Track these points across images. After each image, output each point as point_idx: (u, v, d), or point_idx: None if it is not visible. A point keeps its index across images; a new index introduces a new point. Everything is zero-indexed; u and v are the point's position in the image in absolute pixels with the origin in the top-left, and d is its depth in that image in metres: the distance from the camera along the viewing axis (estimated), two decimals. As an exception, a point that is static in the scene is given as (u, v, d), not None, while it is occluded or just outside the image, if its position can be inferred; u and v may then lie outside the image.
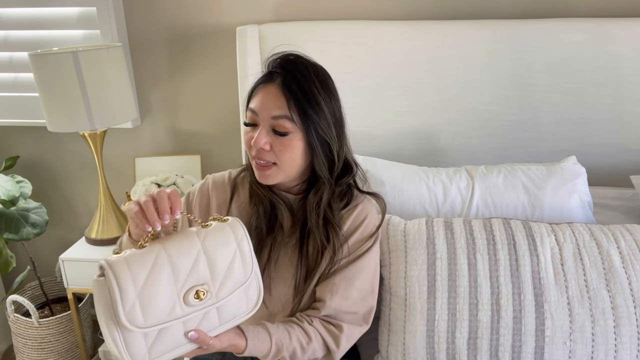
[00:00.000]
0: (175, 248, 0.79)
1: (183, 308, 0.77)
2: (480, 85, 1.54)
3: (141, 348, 0.76)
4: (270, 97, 0.96)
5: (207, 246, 0.81)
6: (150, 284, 0.75)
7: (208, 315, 0.81)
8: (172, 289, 0.77)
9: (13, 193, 1.72)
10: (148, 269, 0.76)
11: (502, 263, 1.10)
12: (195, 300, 0.78)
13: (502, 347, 1.05)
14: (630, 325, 1.04)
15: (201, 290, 0.79)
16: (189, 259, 0.79)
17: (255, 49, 1.58)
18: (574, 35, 1.47)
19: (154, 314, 0.75)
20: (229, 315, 0.83)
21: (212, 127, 1.90)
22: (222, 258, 0.81)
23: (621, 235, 1.14)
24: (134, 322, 0.74)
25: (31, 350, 1.87)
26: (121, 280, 0.74)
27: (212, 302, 0.80)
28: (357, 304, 1.01)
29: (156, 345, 0.77)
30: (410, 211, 1.33)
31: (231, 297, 0.82)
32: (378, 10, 1.65)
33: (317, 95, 0.96)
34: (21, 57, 1.88)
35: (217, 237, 0.83)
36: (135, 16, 1.80)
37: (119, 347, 0.75)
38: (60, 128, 1.58)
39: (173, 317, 0.77)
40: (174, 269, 0.77)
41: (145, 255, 0.77)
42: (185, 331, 0.79)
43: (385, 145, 1.61)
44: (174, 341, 0.78)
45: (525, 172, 1.34)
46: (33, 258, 1.91)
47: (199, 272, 0.79)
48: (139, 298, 0.74)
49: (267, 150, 0.96)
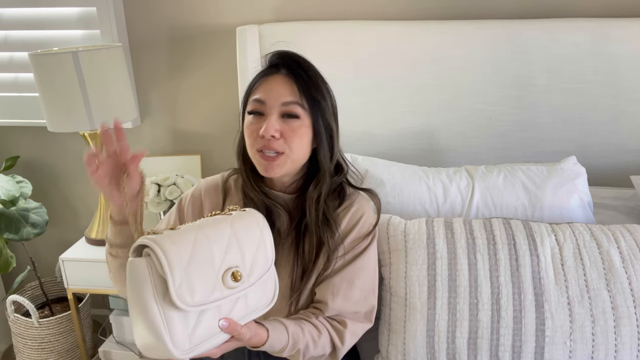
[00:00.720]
0: (209, 228, 0.77)
1: (222, 290, 0.75)
2: (480, 85, 1.54)
3: (183, 333, 0.71)
4: (278, 85, 0.97)
5: (237, 230, 0.80)
6: (194, 262, 0.73)
7: (238, 302, 0.78)
8: (211, 269, 0.75)
9: (13, 193, 1.72)
10: (190, 247, 0.73)
11: (502, 263, 1.10)
12: (233, 282, 0.76)
13: (502, 347, 1.05)
14: (631, 325, 1.04)
15: (238, 272, 0.77)
16: (223, 240, 0.77)
17: (255, 49, 1.58)
18: (574, 35, 1.47)
19: (198, 293, 0.72)
20: (253, 306, 0.81)
21: (212, 127, 1.90)
22: (250, 243, 0.81)
23: (621, 235, 1.14)
24: (183, 300, 0.70)
25: (31, 350, 1.87)
26: (170, 256, 0.70)
27: (246, 285, 0.78)
28: (359, 303, 1.01)
29: (196, 330, 0.73)
30: (410, 211, 1.33)
31: (256, 286, 0.80)
32: (378, 10, 1.65)
33: (320, 84, 1.00)
34: (21, 57, 1.88)
35: (244, 222, 0.82)
36: (135, 16, 1.81)
37: (161, 330, 0.69)
38: (60, 128, 1.58)
39: (214, 299, 0.74)
40: (211, 249, 0.75)
41: (185, 234, 0.75)
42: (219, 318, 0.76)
43: (385, 145, 1.61)
44: (211, 328, 0.75)
45: (525, 172, 1.34)
46: (33, 258, 1.91)
47: (231, 256, 0.78)
48: (186, 275, 0.71)
49: (276, 139, 0.96)
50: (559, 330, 1.04)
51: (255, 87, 1.00)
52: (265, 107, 0.97)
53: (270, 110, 0.96)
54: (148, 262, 0.71)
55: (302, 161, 1.01)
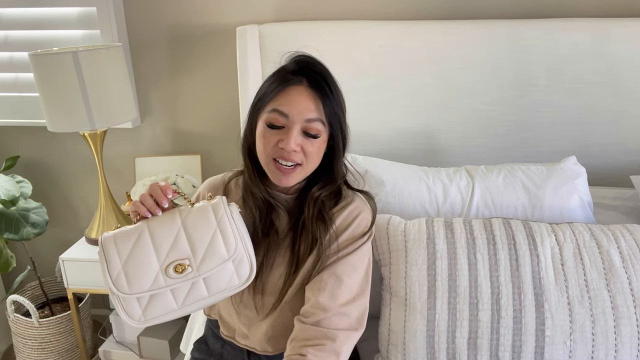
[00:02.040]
0: (157, 226, 0.90)
1: (166, 279, 0.88)
2: (481, 86, 1.54)
3: (136, 310, 0.89)
4: (302, 100, 0.95)
5: (187, 224, 0.90)
6: (133, 257, 0.88)
7: (196, 286, 0.90)
8: (154, 262, 0.88)
9: (13, 193, 1.72)
10: (132, 244, 0.89)
11: (502, 263, 1.10)
12: (176, 274, 0.88)
13: (502, 347, 1.05)
14: (630, 325, 1.04)
15: (181, 265, 0.88)
16: (170, 235, 0.89)
17: (255, 49, 1.58)
18: (574, 35, 1.47)
19: (137, 282, 0.87)
20: (219, 288, 0.91)
21: (212, 127, 1.90)
22: (202, 235, 0.90)
23: (621, 235, 1.14)
24: (120, 289, 0.88)
25: (31, 350, 1.87)
26: (108, 254, 0.89)
27: (194, 275, 0.88)
28: (348, 305, 0.97)
29: (149, 308, 0.89)
30: (410, 211, 1.33)
31: (218, 271, 0.90)
32: (378, 10, 1.65)
33: (341, 96, 1.01)
34: (21, 57, 1.88)
35: (197, 216, 0.92)
36: (135, 16, 1.81)
37: (118, 308, 0.89)
38: (60, 128, 1.58)
39: (157, 287, 0.88)
40: (156, 244, 0.89)
41: (131, 232, 0.90)
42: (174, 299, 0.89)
43: (385, 145, 1.61)
44: (166, 306, 0.89)
45: (525, 172, 1.34)
46: (33, 258, 1.91)
47: (180, 248, 0.89)
48: (124, 269, 0.88)
49: (297, 152, 0.96)
50: (559, 330, 1.04)
51: (275, 96, 0.97)
52: (288, 120, 0.95)
53: (292, 125, 0.95)
54: (99, 256, 0.90)
55: (313, 169, 1.02)
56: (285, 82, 0.97)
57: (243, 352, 1.09)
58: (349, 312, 0.96)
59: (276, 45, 1.57)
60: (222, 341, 1.12)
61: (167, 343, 1.83)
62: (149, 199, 0.92)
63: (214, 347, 1.14)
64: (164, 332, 1.87)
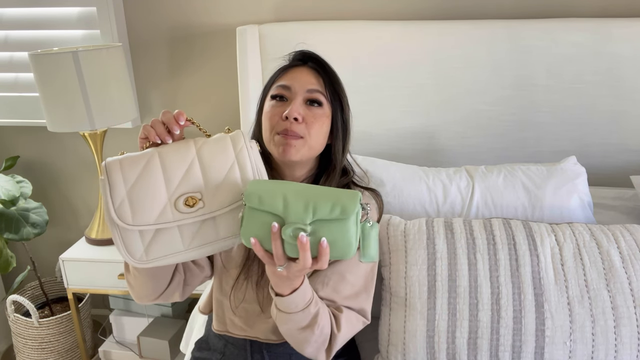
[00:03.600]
0: (169, 153, 0.80)
1: (174, 213, 0.78)
2: (480, 85, 1.54)
3: (138, 247, 0.79)
4: (304, 74, 1.02)
5: (203, 154, 0.81)
6: (140, 184, 0.78)
7: (205, 225, 0.80)
8: (163, 193, 0.78)
9: (13, 193, 1.72)
10: (139, 170, 0.79)
11: (502, 263, 1.10)
12: (186, 207, 0.78)
13: (502, 347, 1.05)
14: (630, 325, 1.04)
15: (192, 198, 0.79)
16: (183, 165, 0.80)
17: (255, 49, 1.58)
18: (574, 35, 1.47)
19: (142, 213, 0.78)
20: (230, 231, 0.81)
21: (212, 127, 1.90)
22: (218, 167, 0.80)
23: (621, 235, 1.14)
24: (123, 219, 0.77)
25: (31, 350, 1.87)
26: (112, 179, 0.78)
27: (205, 212, 0.79)
28: (350, 299, 0.99)
29: (152, 245, 0.79)
30: (410, 211, 1.33)
31: (231, 212, 0.80)
32: (378, 10, 1.65)
33: (341, 81, 1.05)
34: (21, 57, 1.88)
35: (214, 146, 0.82)
36: (135, 16, 1.81)
37: (117, 243, 0.79)
38: (60, 128, 1.58)
39: (164, 220, 0.78)
40: (167, 173, 0.79)
41: (139, 157, 0.80)
42: (180, 238, 0.79)
43: (385, 145, 1.61)
44: (171, 246, 0.80)
45: (525, 172, 1.34)
46: (33, 258, 1.91)
47: (193, 180, 0.79)
48: (128, 196, 0.78)
49: (299, 123, 0.97)
50: (559, 330, 1.04)
51: (278, 77, 1.03)
52: (290, 92, 1.00)
53: (294, 95, 0.99)
54: (102, 183, 0.79)
55: (318, 150, 1.03)
56: (289, 66, 1.04)
57: (246, 351, 1.08)
58: (350, 305, 0.99)
59: (276, 45, 1.57)
60: (225, 340, 1.12)
61: (167, 343, 1.83)
62: (159, 125, 0.83)
63: (215, 347, 1.14)
64: (164, 332, 1.87)
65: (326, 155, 1.06)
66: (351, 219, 0.76)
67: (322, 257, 0.75)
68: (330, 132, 1.03)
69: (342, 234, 0.76)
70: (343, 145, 1.05)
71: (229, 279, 1.05)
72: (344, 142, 1.05)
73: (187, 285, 1.01)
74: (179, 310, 2.00)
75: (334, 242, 0.76)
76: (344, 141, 1.05)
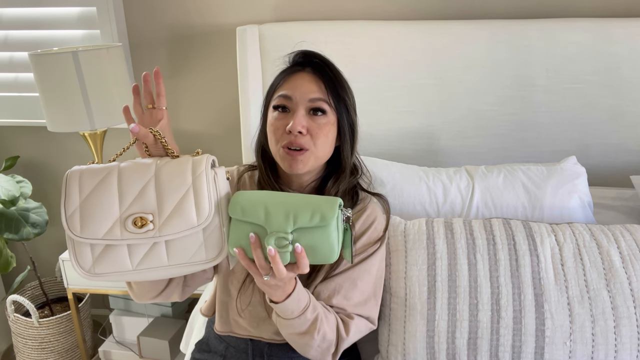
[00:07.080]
0: (129, 170, 0.80)
1: (122, 232, 0.78)
2: (480, 86, 1.54)
3: (88, 259, 0.79)
4: (305, 82, 0.98)
5: (161, 175, 0.80)
6: (92, 197, 0.79)
7: (156, 248, 0.79)
8: (115, 209, 0.78)
9: (13, 193, 1.72)
10: (96, 183, 0.80)
11: (502, 263, 1.10)
12: (134, 228, 0.78)
13: (502, 347, 1.05)
14: (630, 325, 1.04)
15: (143, 219, 0.78)
16: (139, 183, 0.79)
17: (255, 49, 1.58)
18: (574, 35, 1.47)
19: (91, 226, 0.78)
20: (181, 259, 0.80)
21: (212, 127, 1.90)
22: (172, 191, 0.79)
23: (621, 235, 1.14)
24: (73, 229, 0.78)
25: (31, 350, 1.87)
26: (69, 188, 0.80)
27: (154, 234, 0.77)
28: (359, 306, 1.01)
29: (101, 260, 0.79)
30: (410, 211, 1.33)
31: (183, 238, 0.79)
32: (378, 10, 1.65)
33: (344, 82, 1.02)
34: (21, 57, 1.88)
35: (174, 168, 0.80)
36: (135, 16, 1.81)
37: (70, 252, 0.80)
38: (60, 128, 1.58)
39: (112, 237, 0.78)
40: (122, 190, 0.79)
41: (100, 170, 0.81)
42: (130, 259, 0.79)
43: (385, 145, 1.61)
44: (119, 264, 0.79)
45: (525, 172, 1.34)
46: (33, 258, 1.91)
47: (146, 200, 0.78)
48: (80, 208, 0.79)
49: (303, 135, 0.96)
50: (559, 330, 1.04)
51: (280, 84, 1.01)
52: (292, 102, 0.97)
53: (296, 107, 0.97)
54: (62, 190, 0.81)
55: (325, 158, 1.02)
56: (289, 72, 1.01)
57: (247, 354, 1.08)
58: (359, 312, 1.01)
59: (276, 45, 1.56)
60: (226, 343, 1.11)
61: (167, 343, 1.83)
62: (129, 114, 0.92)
63: (216, 349, 1.13)
64: (164, 332, 1.87)
65: (334, 156, 1.05)
66: (332, 225, 0.79)
67: (300, 261, 0.78)
68: (338, 134, 1.02)
69: (323, 240, 0.79)
70: (351, 147, 1.04)
71: (235, 281, 1.05)
72: (352, 143, 1.03)
73: (187, 286, 1.01)
74: (179, 310, 2.00)
75: (315, 248, 0.79)
76: (352, 143, 1.03)
